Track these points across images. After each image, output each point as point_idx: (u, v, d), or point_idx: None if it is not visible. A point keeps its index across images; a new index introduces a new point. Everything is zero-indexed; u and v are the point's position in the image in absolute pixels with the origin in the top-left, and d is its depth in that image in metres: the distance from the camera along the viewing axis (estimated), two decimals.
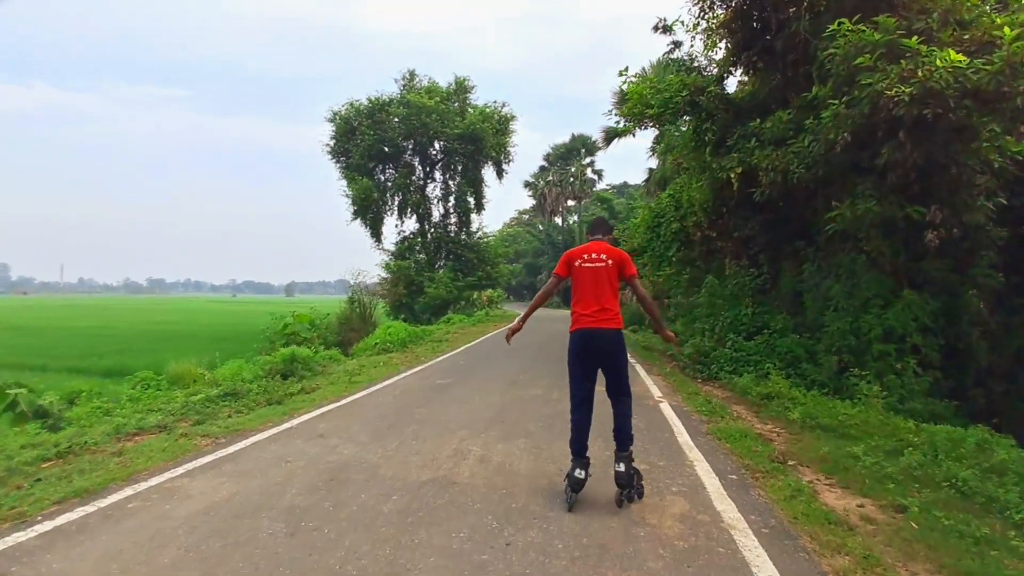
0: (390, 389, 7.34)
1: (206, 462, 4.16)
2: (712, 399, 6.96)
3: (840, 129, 6.65)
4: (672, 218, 11.72)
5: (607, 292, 3.59)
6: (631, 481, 3.49)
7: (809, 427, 5.73)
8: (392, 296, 28.51)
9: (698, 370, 8.89)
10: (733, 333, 8.91)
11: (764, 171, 7.85)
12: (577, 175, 49.68)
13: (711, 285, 9.77)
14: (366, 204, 28.26)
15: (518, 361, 10.23)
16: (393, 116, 27.83)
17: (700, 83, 9.00)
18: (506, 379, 8.12)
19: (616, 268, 3.63)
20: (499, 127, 29.48)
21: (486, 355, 11.50)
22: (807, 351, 8.15)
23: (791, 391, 6.79)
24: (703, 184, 9.61)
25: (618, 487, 3.47)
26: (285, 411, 5.92)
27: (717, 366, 8.63)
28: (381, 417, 5.61)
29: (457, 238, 31.01)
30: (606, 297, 3.58)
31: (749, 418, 6.18)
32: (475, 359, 10.75)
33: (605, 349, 3.61)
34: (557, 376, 8.26)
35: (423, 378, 8.28)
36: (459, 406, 6.21)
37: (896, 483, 4.12)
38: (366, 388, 7.39)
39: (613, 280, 3.63)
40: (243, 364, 9.13)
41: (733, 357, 8.51)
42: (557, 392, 7.10)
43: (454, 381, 7.95)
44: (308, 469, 3.99)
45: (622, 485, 3.45)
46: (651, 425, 5.55)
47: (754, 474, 4.20)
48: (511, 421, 5.53)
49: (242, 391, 6.90)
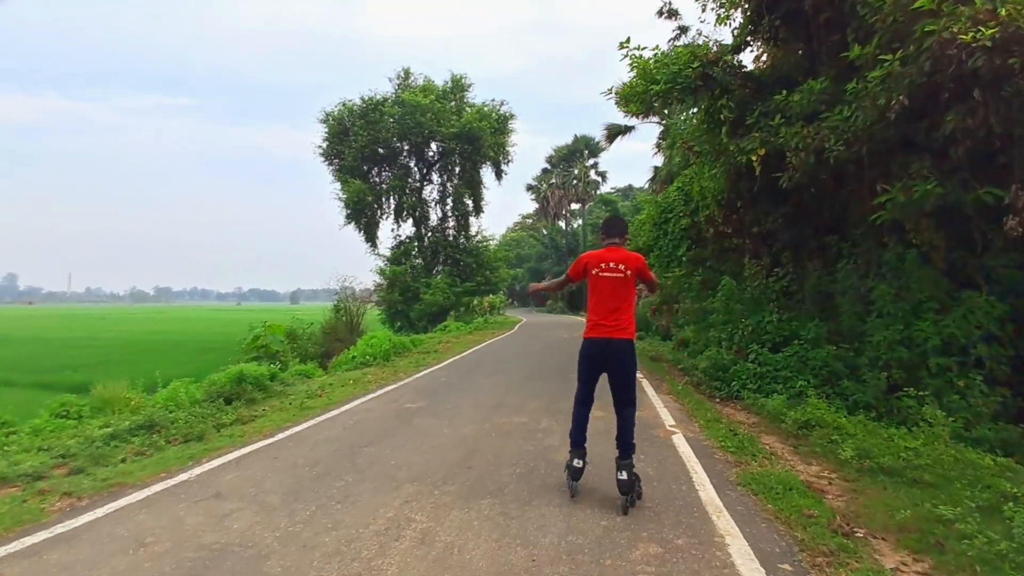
0: (344, 417, 6.08)
1: (26, 546, 2.91)
2: (737, 428, 5.65)
3: (894, 91, 5.36)
4: (681, 213, 10.44)
5: (624, 303, 3.68)
6: (632, 487, 3.51)
7: (868, 470, 4.43)
8: (387, 303, 27.35)
9: (715, 387, 7.58)
10: (756, 344, 7.60)
11: (792, 151, 6.57)
12: (580, 177, 48.41)
13: (728, 288, 8.47)
14: (359, 207, 27.15)
15: (508, 377, 8.96)
16: (387, 116, 26.71)
17: (713, 54, 7.74)
18: (489, 401, 6.85)
19: (635, 277, 3.72)
20: (497, 126, 28.29)
21: (474, 369, 10.23)
22: (847, 365, 6.83)
23: (835, 417, 5.48)
24: (717, 172, 8.33)
25: (621, 494, 3.49)
26: (197, 453, 4.67)
27: (738, 383, 7.32)
28: (312, 463, 4.35)
29: (455, 242, 29.81)
30: (622, 308, 3.66)
31: (787, 456, 4.87)
32: (460, 374, 9.48)
33: (616, 358, 3.68)
34: (551, 398, 6.99)
35: (391, 401, 7.02)
36: (419, 443, 4.94)
37: (1018, 570, 2.84)
38: (317, 416, 6.14)
39: (631, 290, 3.72)
40: (188, 384, 7.90)
41: (757, 373, 7.20)
42: (547, 420, 5.82)
43: (426, 405, 6.68)
44: (162, 562, 2.73)
45: (625, 492, 3.48)
46: (663, 471, 4.26)
47: (814, 558, 2.90)
48: (481, 467, 4.25)
49: (161, 422, 5.65)
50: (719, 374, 7.62)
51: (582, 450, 3.76)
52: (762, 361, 7.26)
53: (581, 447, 3.77)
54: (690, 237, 10.23)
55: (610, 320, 3.63)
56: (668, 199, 10.75)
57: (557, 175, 50.51)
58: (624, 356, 3.65)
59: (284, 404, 6.94)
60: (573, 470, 3.70)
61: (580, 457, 3.72)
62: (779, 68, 8.17)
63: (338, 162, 27.88)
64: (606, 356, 3.69)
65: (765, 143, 7.01)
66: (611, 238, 3.84)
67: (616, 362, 3.67)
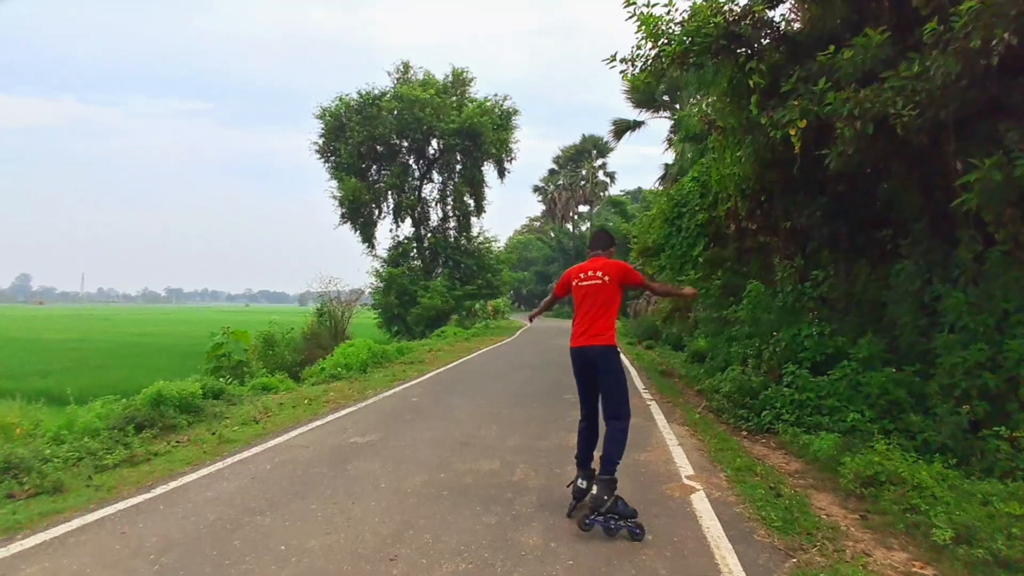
0: (264, 458, 4.72)
1: None
2: (779, 481, 4.22)
3: (994, 29, 3.94)
4: (697, 207, 9.00)
5: (598, 310, 3.58)
6: (602, 506, 3.23)
7: (980, 564, 3.00)
8: (384, 306, 26.08)
9: (741, 417, 6.15)
10: (792, 363, 6.17)
11: (845, 121, 5.14)
12: (588, 178, 46.96)
13: (755, 293, 7.03)
14: (355, 206, 25.91)
15: (491, 397, 7.58)
16: (385, 111, 25.46)
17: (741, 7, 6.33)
18: (456, 434, 5.47)
19: (616, 284, 3.60)
20: (500, 122, 26.93)
21: (456, 385, 8.85)
22: (911, 393, 5.38)
23: (912, 470, 4.03)
24: (743, 154, 6.90)
25: (589, 507, 3.29)
26: (24, 519, 3.34)
27: (771, 413, 5.88)
28: (165, 547, 2.98)
29: (456, 243, 28.50)
30: (595, 315, 3.58)
31: (855, 532, 3.43)
32: (437, 393, 8.11)
33: (591, 365, 3.57)
34: (536, 431, 5.60)
35: (337, 431, 5.65)
36: (336, 509, 3.55)
37: None
38: (233, 454, 4.79)
39: (609, 297, 3.60)
40: (110, 404, 6.60)
41: (796, 400, 5.76)
42: (525, 466, 4.43)
43: (377, 439, 5.31)
44: None
45: (592, 508, 3.26)
46: (676, 566, 2.84)
47: None
48: (407, 562, 2.86)
49: (26, 462, 4.34)
50: (746, 400, 6.19)
51: (586, 470, 3.63)
52: (801, 385, 5.81)
53: (584, 467, 3.65)
54: (707, 234, 8.80)
55: (584, 329, 3.58)
56: (682, 191, 9.33)
57: (565, 176, 49.08)
58: (601, 362, 3.53)
59: (207, 433, 5.61)
60: (576, 489, 3.57)
61: (585, 478, 3.58)
62: (818, 29, 6.74)
63: (334, 159, 26.69)
64: (583, 364, 3.63)
65: (806, 113, 5.58)
66: (595, 250, 3.82)
67: (593, 370, 3.57)
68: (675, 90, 21.95)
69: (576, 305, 3.68)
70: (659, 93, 22.89)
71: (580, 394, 3.75)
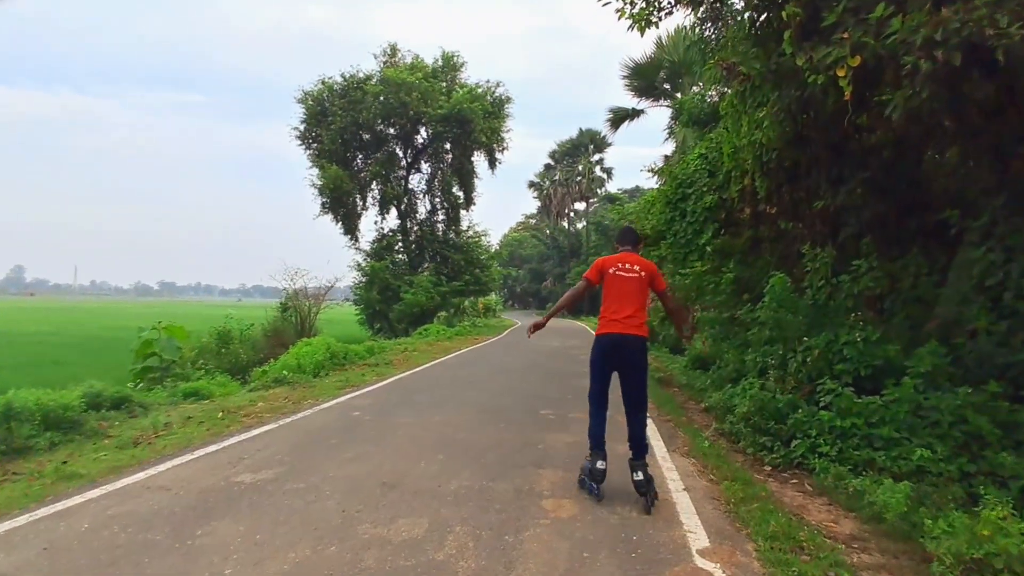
0: (84, 513, 3.29)
1: None
2: (837, 564, 2.82)
3: None
4: (706, 188, 7.61)
5: (639, 301, 3.67)
6: (650, 486, 3.46)
7: None
8: (366, 302, 24.62)
9: (763, 445, 4.76)
10: (830, 377, 4.78)
11: (920, 51, 3.75)
12: (585, 173, 45.52)
13: (779, 289, 5.64)
14: (337, 195, 24.43)
15: (451, 413, 6.18)
16: (370, 95, 23.98)
17: None
18: (386, 469, 4.06)
19: (648, 280, 3.74)
20: (492, 110, 25.46)
21: (414, 394, 7.44)
22: (997, 422, 4.01)
23: None
24: (769, 115, 5.51)
25: (639, 495, 3.47)
26: None
27: (804, 442, 4.49)
28: None
29: (444, 237, 27.06)
30: (638, 305, 3.65)
31: None
32: (387, 405, 6.70)
33: (630, 355, 3.64)
34: (495, 469, 4.21)
35: (226, 464, 4.23)
36: None
37: None
38: (51, 502, 3.38)
39: (644, 291, 3.73)
40: None
41: (838, 428, 4.37)
42: (462, 531, 3.03)
43: (273, 477, 3.89)
44: None
45: (643, 492, 3.45)
46: None
47: None
48: None
49: None
50: (770, 424, 4.79)
51: (603, 451, 3.64)
52: (844, 408, 4.42)
53: (602, 448, 3.65)
54: (717, 220, 7.42)
55: (624, 317, 3.60)
56: (687, 170, 7.94)
57: (561, 171, 47.67)
58: (638, 354, 3.64)
59: (61, 461, 4.20)
60: (596, 472, 3.56)
61: (602, 459, 3.61)
62: None
63: (316, 146, 25.21)
64: (620, 353, 3.66)
65: (859, 48, 4.20)
66: (625, 245, 3.94)
67: (629, 360, 3.64)
68: (676, 76, 20.65)
69: (612, 294, 3.68)
70: (659, 80, 21.60)
71: (599, 379, 3.73)
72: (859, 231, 5.96)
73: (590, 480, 3.59)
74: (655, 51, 20.62)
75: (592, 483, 3.57)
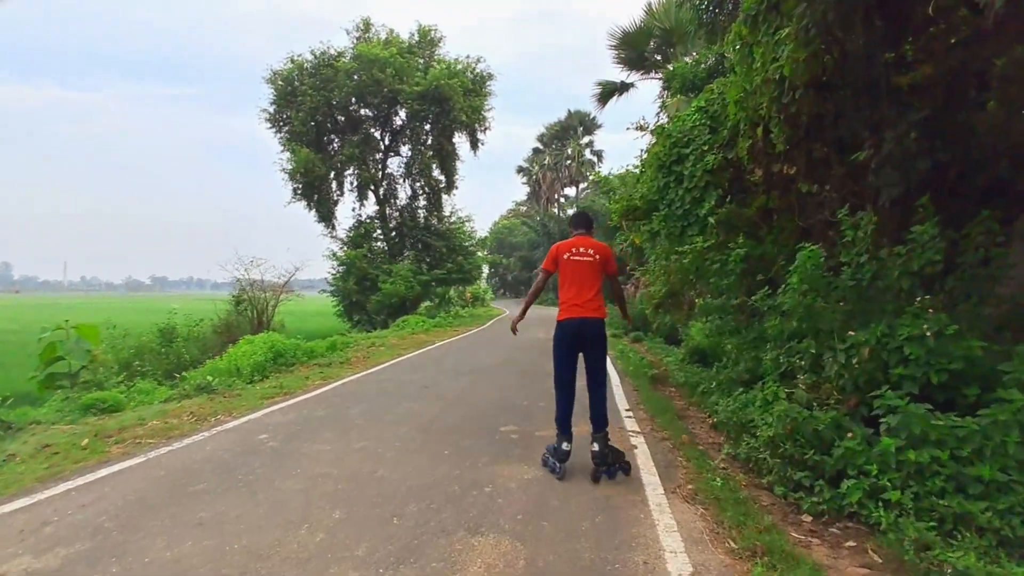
0: None
1: None
2: None
3: None
4: (706, 146, 6.22)
5: (596, 284, 3.78)
6: (606, 459, 3.64)
7: None
8: (343, 293, 23.19)
9: (799, 484, 3.41)
10: (888, 386, 3.43)
11: None
12: (575, 156, 43.93)
13: (811, 266, 4.28)
14: (309, 180, 22.87)
15: (391, 427, 4.80)
16: (342, 72, 22.35)
17: None
18: (249, 542, 2.70)
19: (601, 263, 3.82)
20: (472, 87, 23.87)
21: (351, 406, 6.04)
22: None
23: None
24: (796, 30, 4.11)
25: (595, 465, 3.64)
26: None
27: (859, 483, 3.14)
28: None
29: (425, 223, 25.57)
30: (596, 288, 3.77)
31: None
32: (308, 423, 5.30)
33: (592, 339, 3.74)
34: (417, 521, 2.82)
35: (15, 539, 2.85)
36: None
37: None
38: None
39: (599, 275, 3.81)
40: None
41: (910, 463, 3.03)
42: None
43: (65, 562, 2.52)
44: None
45: (598, 463, 3.63)
46: None
47: None
48: None
49: None
50: (808, 455, 3.44)
51: (569, 434, 3.79)
52: (917, 433, 3.08)
53: (568, 431, 3.79)
54: (721, 185, 6.05)
55: (585, 301, 3.70)
56: (684, 126, 6.56)
57: (550, 155, 46.04)
58: (599, 337, 3.75)
59: None
60: (561, 452, 3.74)
61: (568, 441, 3.76)
62: None
63: (287, 129, 23.60)
64: (583, 337, 3.74)
65: None
66: (578, 229, 4.00)
67: (591, 343, 3.75)
68: (667, 45, 19.16)
69: (567, 279, 3.78)
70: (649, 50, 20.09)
71: (565, 363, 3.81)
72: (906, 192, 4.58)
73: (554, 459, 3.78)
74: (645, 18, 19.13)
75: (556, 461, 3.74)
